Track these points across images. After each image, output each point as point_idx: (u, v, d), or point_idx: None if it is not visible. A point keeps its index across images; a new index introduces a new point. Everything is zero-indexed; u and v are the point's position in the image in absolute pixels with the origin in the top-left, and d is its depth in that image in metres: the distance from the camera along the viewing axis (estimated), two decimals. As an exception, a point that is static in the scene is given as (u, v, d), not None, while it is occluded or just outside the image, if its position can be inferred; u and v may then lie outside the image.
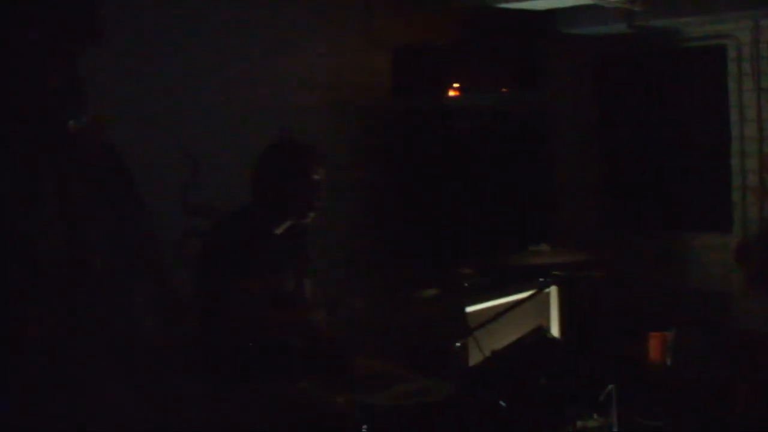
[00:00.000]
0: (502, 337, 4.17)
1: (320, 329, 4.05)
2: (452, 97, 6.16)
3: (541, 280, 4.69)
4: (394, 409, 3.52)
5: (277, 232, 4.06)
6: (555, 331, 5.57)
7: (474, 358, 4.22)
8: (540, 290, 4.74)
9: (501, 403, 3.60)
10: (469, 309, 4.94)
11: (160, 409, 1.85)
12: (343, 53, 6.11)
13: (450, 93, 6.16)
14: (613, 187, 7.77)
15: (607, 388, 4.35)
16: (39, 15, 1.68)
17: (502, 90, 6.47)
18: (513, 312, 4.42)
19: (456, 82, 6.17)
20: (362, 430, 3.41)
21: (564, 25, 7.07)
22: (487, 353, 3.91)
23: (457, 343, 4.29)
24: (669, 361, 5.41)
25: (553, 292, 5.60)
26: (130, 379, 1.79)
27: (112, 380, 1.76)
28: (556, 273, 4.71)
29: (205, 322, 3.83)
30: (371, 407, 3.48)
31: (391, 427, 3.47)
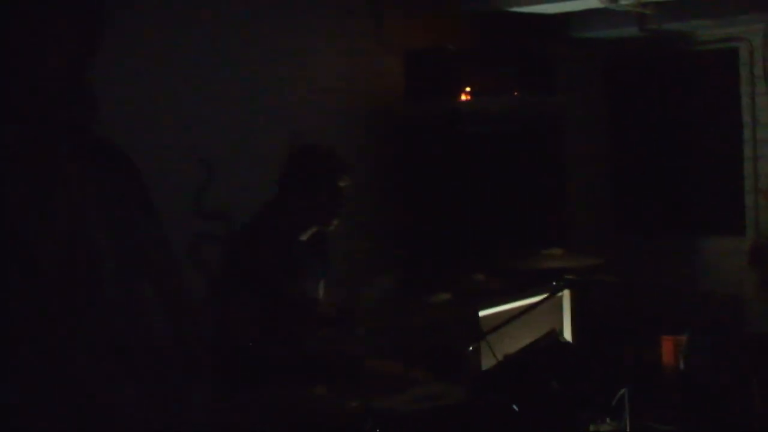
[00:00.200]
0: (514, 341, 4.17)
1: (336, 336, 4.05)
2: (464, 101, 6.16)
3: (554, 283, 4.68)
4: (407, 413, 3.52)
5: (303, 238, 4.06)
6: (568, 335, 5.56)
7: (487, 362, 4.22)
8: (553, 294, 4.73)
9: (514, 407, 3.60)
10: (481, 313, 4.93)
11: (168, 412, 1.84)
12: (355, 58, 6.12)
13: (462, 97, 6.16)
14: (625, 190, 7.77)
15: (620, 392, 4.33)
16: (46, 13, 1.68)
17: (514, 94, 6.46)
18: (526, 316, 4.42)
19: (468, 86, 6.17)
20: (375, 434, 3.42)
21: (576, 29, 7.08)
22: (500, 357, 3.91)
23: (470, 347, 4.29)
24: (682, 365, 5.39)
25: (565, 295, 5.59)
26: (140, 382, 1.79)
27: (120, 383, 1.76)
28: (569, 277, 4.70)
29: (224, 326, 3.84)
30: (384, 411, 3.49)
31: None
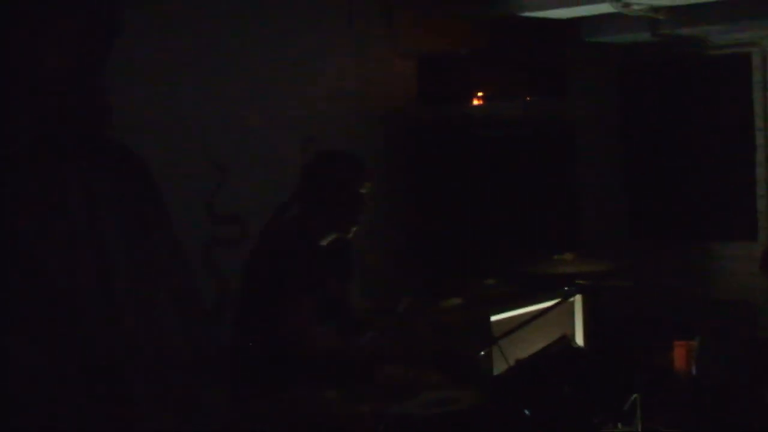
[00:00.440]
0: (526, 346, 4.18)
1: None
2: (477, 106, 6.18)
3: (566, 288, 4.69)
4: (418, 418, 3.53)
5: (323, 243, 4.06)
6: (579, 340, 5.56)
7: (498, 367, 4.23)
8: (565, 299, 4.74)
9: (525, 412, 3.61)
10: (493, 318, 4.94)
11: (180, 415, 1.85)
12: (369, 62, 6.13)
13: (475, 102, 6.18)
14: (637, 195, 7.76)
15: (632, 398, 4.34)
16: (58, 12, 1.68)
17: (527, 98, 6.47)
18: (537, 321, 4.43)
19: (481, 91, 6.19)
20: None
21: (588, 34, 7.07)
22: (512, 362, 3.92)
23: (482, 352, 4.30)
24: (694, 370, 5.38)
25: (577, 301, 5.58)
26: (151, 385, 1.79)
27: (131, 385, 1.76)
28: (581, 282, 4.70)
29: (242, 330, 3.85)
30: (396, 416, 3.49)
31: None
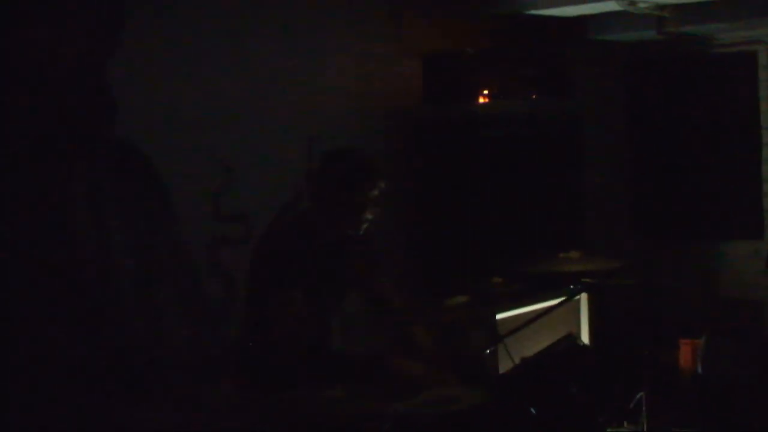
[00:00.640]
0: (532, 345, 4.18)
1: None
2: (482, 104, 6.17)
3: (572, 287, 4.69)
4: (425, 415, 3.52)
5: (333, 241, 4.05)
6: (585, 339, 5.56)
7: (504, 366, 4.23)
8: (570, 297, 4.74)
9: (531, 410, 3.61)
10: (499, 316, 4.94)
11: (186, 414, 1.84)
12: (374, 61, 6.13)
13: (480, 100, 6.17)
14: (643, 194, 7.75)
15: (638, 396, 4.34)
16: (63, 10, 1.68)
17: (532, 97, 6.47)
18: (543, 319, 4.42)
19: (486, 89, 6.18)
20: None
21: (594, 32, 7.07)
22: (518, 360, 3.92)
23: (488, 351, 4.30)
24: (700, 369, 5.38)
25: (583, 299, 5.58)
26: (157, 384, 1.79)
27: (140, 384, 1.76)
28: (587, 280, 4.70)
29: (249, 329, 3.85)
30: (402, 414, 3.49)
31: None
